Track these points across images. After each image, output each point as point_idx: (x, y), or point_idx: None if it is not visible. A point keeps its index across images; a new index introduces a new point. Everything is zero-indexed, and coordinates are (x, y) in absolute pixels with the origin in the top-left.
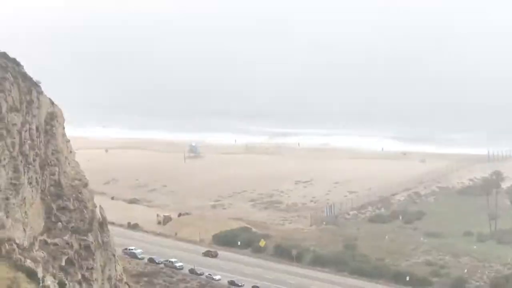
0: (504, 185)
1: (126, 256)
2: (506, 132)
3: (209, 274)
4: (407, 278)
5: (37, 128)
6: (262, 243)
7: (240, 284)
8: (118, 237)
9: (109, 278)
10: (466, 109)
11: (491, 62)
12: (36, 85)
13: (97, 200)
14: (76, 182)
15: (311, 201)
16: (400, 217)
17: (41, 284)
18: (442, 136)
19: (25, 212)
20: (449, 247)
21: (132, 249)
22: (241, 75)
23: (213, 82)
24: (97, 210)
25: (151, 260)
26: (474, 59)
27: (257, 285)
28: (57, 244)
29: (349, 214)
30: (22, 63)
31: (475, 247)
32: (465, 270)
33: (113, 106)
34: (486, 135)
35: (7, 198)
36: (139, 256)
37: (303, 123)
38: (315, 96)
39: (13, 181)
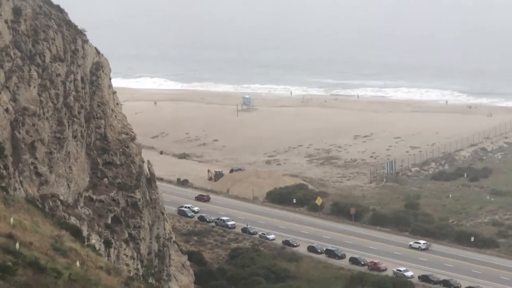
0: None
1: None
2: None
3: (262, 233)
4: (472, 239)
5: (82, 79)
6: (318, 201)
7: (295, 244)
8: (167, 194)
9: (158, 237)
10: None
11: None
12: (81, 33)
13: (145, 155)
14: (123, 136)
15: (371, 157)
16: (465, 175)
17: (86, 243)
18: (511, 89)
19: (70, 167)
20: None
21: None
22: (296, 27)
23: (267, 32)
24: (145, 166)
25: (201, 219)
26: None
27: (313, 245)
28: (103, 201)
29: (411, 171)
30: (66, 10)
31: None
32: None
33: (162, 57)
34: None
35: (50, 153)
36: (189, 214)
37: (362, 74)
38: (375, 48)
39: (57, 135)
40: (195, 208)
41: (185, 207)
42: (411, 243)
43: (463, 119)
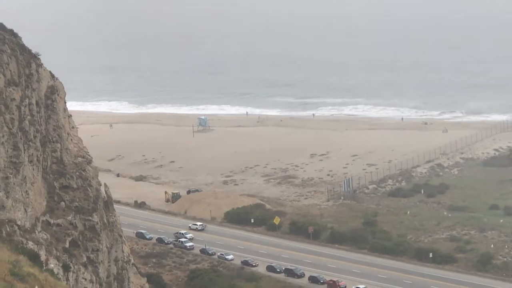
0: None
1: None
2: None
3: (221, 254)
4: (430, 255)
5: (37, 103)
6: (276, 220)
7: (254, 264)
8: (125, 217)
9: (116, 260)
10: (488, 77)
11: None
12: (35, 57)
13: (102, 177)
14: (79, 159)
15: (328, 175)
16: (422, 191)
17: (44, 268)
18: (465, 104)
19: (26, 192)
20: (475, 222)
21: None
22: (247, 51)
23: (221, 56)
24: (102, 189)
25: (159, 240)
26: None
27: (272, 264)
28: (61, 225)
29: (368, 188)
30: (20, 35)
31: (501, 221)
32: (492, 246)
33: (117, 80)
34: (510, 102)
35: (6, 178)
36: (147, 236)
37: (317, 93)
38: (333, 66)
39: (13, 159)
40: (189, 235)
41: (179, 233)
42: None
43: (419, 136)
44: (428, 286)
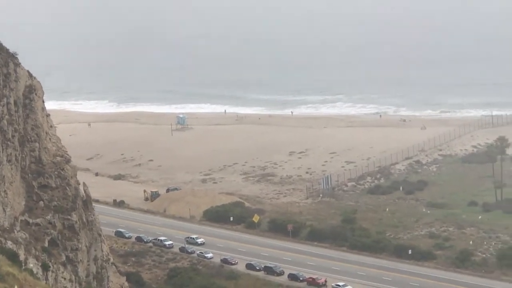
0: (510, 151)
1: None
2: (510, 95)
3: (200, 252)
4: (410, 252)
5: (15, 103)
6: (255, 218)
7: (233, 262)
8: (104, 216)
9: (95, 259)
10: (466, 73)
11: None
12: (13, 56)
13: (81, 177)
14: (58, 158)
15: (307, 172)
16: (401, 188)
17: (23, 267)
18: (443, 101)
19: (5, 191)
20: (453, 218)
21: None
22: (230, 48)
23: (199, 54)
24: (81, 188)
25: (139, 239)
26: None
27: (251, 262)
28: (39, 224)
29: (347, 186)
30: None
31: (480, 217)
32: (471, 242)
33: (96, 78)
34: (488, 99)
35: None
36: (127, 235)
37: (296, 91)
38: (314, 63)
39: None
40: (200, 240)
41: (191, 237)
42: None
43: (397, 133)
44: (407, 283)
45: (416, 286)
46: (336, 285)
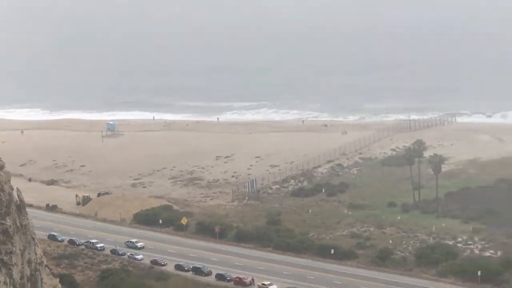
0: (427, 154)
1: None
2: (427, 100)
3: (131, 254)
4: (332, 251)
5: None
6: (184, 221)
7: (163, 263)
8: (37, 220)
9: (29, 262)
10: (385, 79)
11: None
12: None
13: (14, 182)
14: None
15: (233, 176)
16: (323, 190)
17: None
18: (364, 107)
19: None
20: (374, 219)
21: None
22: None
23: (125, 59)
24: (14, 193)
25: (71, 242)
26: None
27: (180, 263)
28: None
29: (271, 189)
30: None
31: (399, 217)
32: (390, 241)
33: (28, 86)
34: (406, 104)
35: None
36: (59, 238)
37: (221, 97)
38: (239, 70)
39: None
40: (139, 244)
41: (131, 241)
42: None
43: (320, 137)
44: (331, 281)
45: (339, 284)
46: (262, 284)
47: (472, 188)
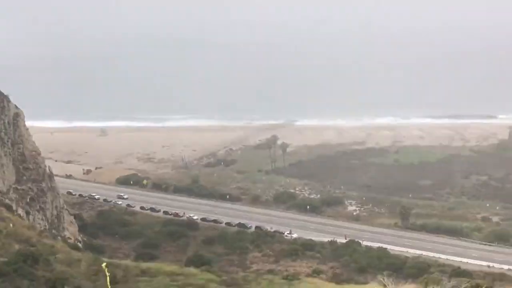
0: (280, 142)
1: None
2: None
3: (114, 201)
4: (227, 197)
5: (8, 122)
6: (144, 182)
7: (133, 206)
8: (60, 183)
9: (56, 207)
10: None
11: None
12: (5, 96)
13: (47, 162)
14: (33, 152)
15: (172, 156)
16: (222, 163)
17: (15, 213)
18: (245, 116)
19: (3, 172)
20: (250, 178)
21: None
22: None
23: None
24: (47, 168)
25: (80, 195)
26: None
27: (142, 205)
28: (24, 189)
29: (193, 163)
30: None
31: (264, 177)
32: (259, 190)
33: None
34: (271, 109)
35: None
36: (73, 193)
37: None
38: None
39: None
40: (125, 196)
41: (120, 195)
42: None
43: (220, 135)
44: (227, 212)
45: (232, 213)
46: (189, 215)
47: (304, 161)
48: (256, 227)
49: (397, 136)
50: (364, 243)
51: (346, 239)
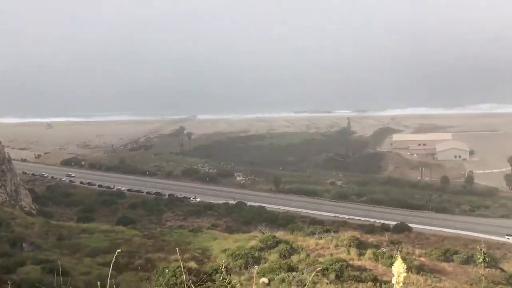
0: (186, 131)
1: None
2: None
3: (61, 178)
4: (147, 173)
5: None
6: (83, 163)
7: (74, 182)
8: (17, 166)
9: (14, 183)
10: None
11: None
12: None
13: (6, 149)
14: None
15: (104, 144)
16: (142, 148)
17: None
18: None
19: None
20: (164, 159)
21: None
22: None
23: None
24: (6, 154)
25: (33, 174)
26: None
27: (81, 180)
28: None
29: (120, 148)
30: None
31: (174, 158)
32: (171, 167)
33: None
34: (180, 107)
35: None
36: (28, 173)
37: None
38: None
39: None
40: (73, 174)
41: (69, 174)
42: None
43: (142, 127)
44: (147, 184)
45: (151, 184)
46: (118, 187)
47: (204, 145)
48: (169, 195)
49: (271, 126)
50: (248, 203)
51: (235, 201)
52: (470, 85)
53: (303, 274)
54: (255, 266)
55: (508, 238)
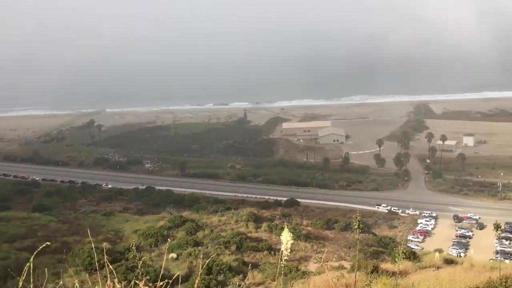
0: (96, 124)
1: None
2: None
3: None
4: (60, 163)
5: None
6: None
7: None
8: None
9: None
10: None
11: None
12: None
13: None
14: None
15: (18, 137)
16: (55, 140)
17: None
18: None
19: None
20: (76, 149)
21: None
22: None
23: None
24: None
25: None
26: None
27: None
28: None
29: (34, 140)
30: None
31: (86, 148)
32: (83, 157)
33: None
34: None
35: None
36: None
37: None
38: None
39: None
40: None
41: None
42: None
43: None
44: (60, 173)
45: (64, 173)
46: (33, 177)
47: (113, 136)
48: (82, 182)
49: (176, 117)
50: (157, 187)
51: (144, 186)
52: (346, 80)
53: (208, 248)
54: (166, 243)
55: (378, 208)
